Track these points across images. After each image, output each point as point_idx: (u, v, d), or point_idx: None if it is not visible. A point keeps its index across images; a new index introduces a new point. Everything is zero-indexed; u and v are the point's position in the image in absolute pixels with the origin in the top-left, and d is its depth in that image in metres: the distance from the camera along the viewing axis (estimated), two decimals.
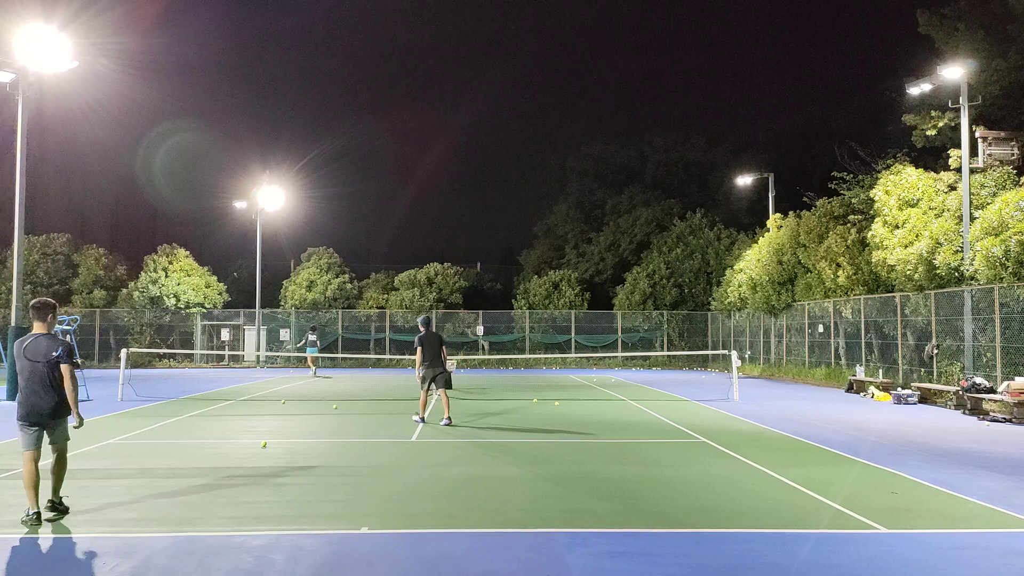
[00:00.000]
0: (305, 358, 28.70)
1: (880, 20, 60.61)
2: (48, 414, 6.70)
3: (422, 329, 13.54)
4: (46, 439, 6.83)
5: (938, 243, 18.59)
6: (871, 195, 21.96)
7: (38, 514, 6.56)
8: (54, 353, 6.63)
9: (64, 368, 6.66)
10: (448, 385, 13.31)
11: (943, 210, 19.60)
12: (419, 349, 13.34)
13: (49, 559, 5.66)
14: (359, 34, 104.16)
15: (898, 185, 20.95)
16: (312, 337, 27.92)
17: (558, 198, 49.05)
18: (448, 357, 13.71)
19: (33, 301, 6.97)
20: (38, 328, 6.82)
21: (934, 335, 19.20)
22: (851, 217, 23.62)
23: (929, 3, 24.85)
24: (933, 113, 23.13)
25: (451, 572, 5.45)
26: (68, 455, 7.09)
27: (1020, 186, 18.30)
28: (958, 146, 19.43)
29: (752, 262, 28.99)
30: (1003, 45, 22.80)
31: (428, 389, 13.35)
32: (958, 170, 19.70)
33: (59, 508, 6.84)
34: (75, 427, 6.95)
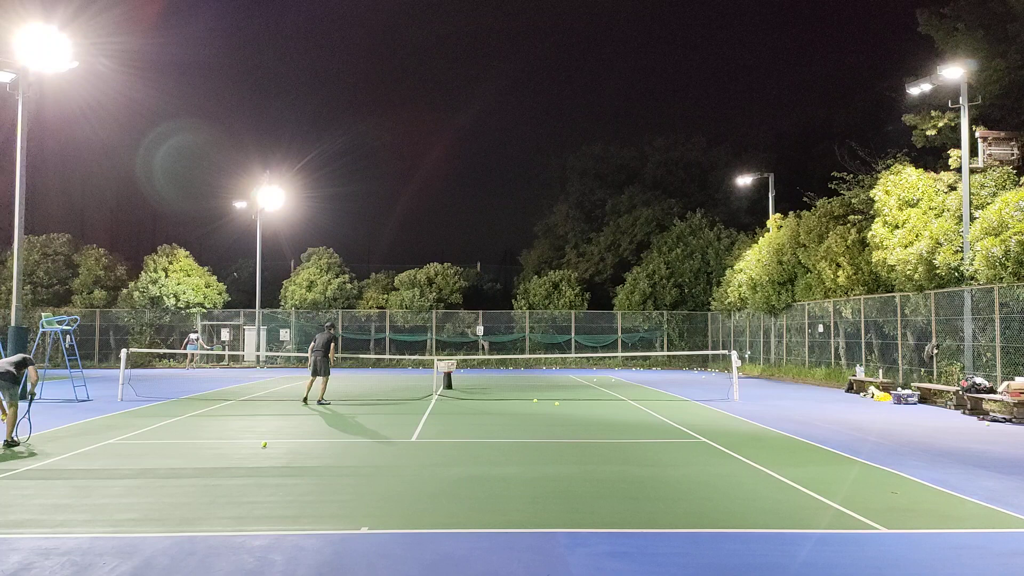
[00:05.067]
0: (187, 355, 34.31)
1: (880, 20, 60.55)
2: None
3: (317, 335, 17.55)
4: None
5: (938, 243, 18.59)
6: (871, 195, 21.96)
7: None
8: None
9: None
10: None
11: (943, 210, 19.60)
12: (311, 347, 17.59)
13: (50, 559, 5.66)
14: (359, 34, 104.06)
15: (898, 185, 20.95)
16: (193, 336, 34.24)
17: (558, 198, 49.00)
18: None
19: None
20: None
21: (934, 335, 19.20)
22: (851, 217, 23.62)
23: (929, 3, 24.83)
24: (933, 113, 23.12)
25: (452, 572, 5.46)
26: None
27: (1020, 186, 18.29)
28: (958, 146, 19.44)
29: (752, 262, 28.99)
30: (1003, 45, 22.78)
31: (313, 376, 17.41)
32: (958, 170, 19.70)
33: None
34: None
